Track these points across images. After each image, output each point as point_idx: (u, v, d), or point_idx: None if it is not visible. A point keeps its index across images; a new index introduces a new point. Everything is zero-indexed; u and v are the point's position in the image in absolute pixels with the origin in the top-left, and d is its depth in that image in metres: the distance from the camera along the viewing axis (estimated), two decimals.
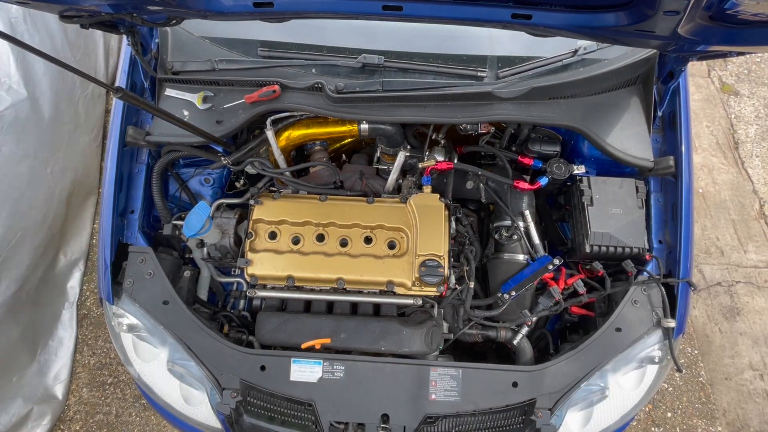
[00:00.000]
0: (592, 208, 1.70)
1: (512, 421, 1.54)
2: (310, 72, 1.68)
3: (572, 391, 1.53)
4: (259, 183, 1.85)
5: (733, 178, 3.37)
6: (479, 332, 1.75)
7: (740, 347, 2.87)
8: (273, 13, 1.21)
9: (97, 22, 1.31)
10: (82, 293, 2.88)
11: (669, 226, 1.73)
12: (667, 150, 1.77)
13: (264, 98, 1.65)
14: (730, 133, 3.54)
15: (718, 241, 3.15)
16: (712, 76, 3.76)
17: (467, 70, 1.65)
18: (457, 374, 1.54)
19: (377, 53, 1.65)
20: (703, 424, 2.68)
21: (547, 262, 1.71)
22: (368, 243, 1.70)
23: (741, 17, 0.93)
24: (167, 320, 1.58)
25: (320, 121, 1.84)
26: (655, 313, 1.61)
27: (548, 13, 1.10)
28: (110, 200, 1.66)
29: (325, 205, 1.75)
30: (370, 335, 1.59)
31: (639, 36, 1.13)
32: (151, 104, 1.60)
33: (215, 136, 1.63)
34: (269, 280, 1.67)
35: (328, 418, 1.50)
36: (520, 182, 1.80)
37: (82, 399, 2.64)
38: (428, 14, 1.15)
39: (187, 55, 1.74)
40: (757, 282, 3.04)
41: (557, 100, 1.67)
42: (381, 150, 1.91)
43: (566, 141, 1.94)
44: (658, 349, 1.60)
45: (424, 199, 1.75)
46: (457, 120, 1.66)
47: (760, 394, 2.75)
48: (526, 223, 1.81)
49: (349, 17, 1.21)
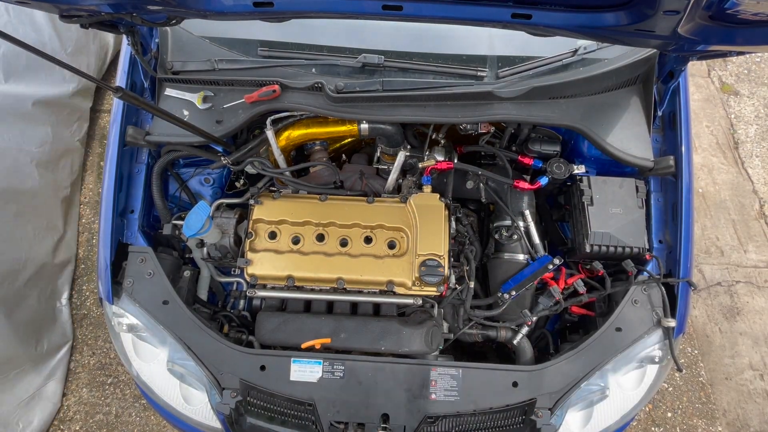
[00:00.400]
0: (592, 208, 1.70)
1: (512, 420, 1.54)
2: (310, 72, 1.68)
3: (572, 391, 1.53)
4: (259, 183, 1.85)
5: (733, 178, 3.37)
6: (479, 332, 1.75)
7: (740, 347, 2.87)
8: (273, 13, 1.21)
9: (97, 21, 1.31)
10: (82, 293, 2.88)
11: (669, 225, 1.73)
12: (667, 150, 1.77)
13: (264, 98, 1.65)
14: (730, 133, 3.54)
15: (718, 241, 3.15)
16: (712, 76, 3.76)
17: (467, 70, 1.65)
18: (457, 374, 1.54)
19: (377, 53, 1.65)
20: (704, 424, 2.68)
21: (547, 262, 1.71)
22: (368, 243, 1.70)
23: (741, 17, 0.93)
24: (167, 320, 1.58)
25: (320, 120, 1.84)
26: (655, 312, 1.61)
27: (548, 12, 1.10)
28: (110, 200, 1.66)
29: (325, 205, 1.75)
30: (370, 335, 1.59)
31: (639, 36, 1.13)
32: (151, 104, 1.60)
33: (215, 136, 1.63)
34: (269, 280, 1.67)
35: (328, 418, 1.50)
36: (520, 182, 1.80)
37: (82, 399, 2.64)
38: (428, 14, 1.15)
39: (187, 54, 1.74)
40: (757, 282, 3.04)
41: (557, 99, 1.67)
42: (381, 150, 1.91)
43: (566, 141, 1.94)
44: (658, 348, 1.60)
45: (424, 199, 1.75)
46: (457, 120, 1.66)
47: (760, 394, 2.75)
48: (526, 222, 1.81)
49: (349, 17, 1.21)
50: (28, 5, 1.18)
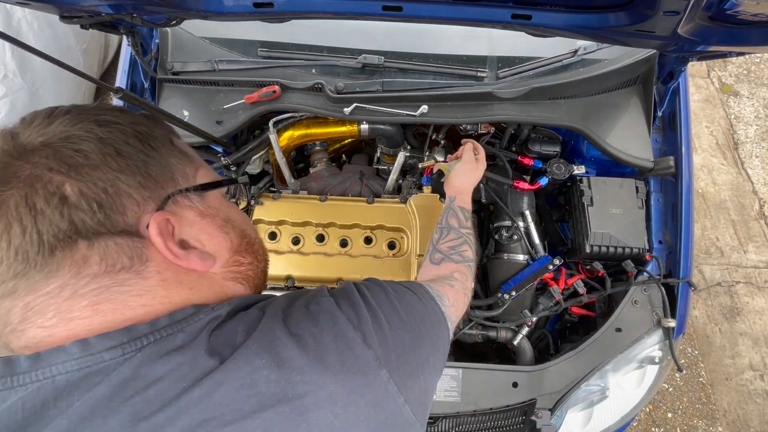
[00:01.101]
0: (592, 208, 1.70)
1: (512, 421, 1.54)
2: (310, 72, 1.68)
3: (572, 392, 1.53)
4: (259, 183, 1.85)
5: (733, 179, 3.37)
6: (479, 332, 1.75)
7: (740, 347, 2.87)
8: (273, 14, 1.21)
9: (97, 22, 1.31)
10: None
11: (669, 226, 1.73)
12: (667, 150, 1.78)
13: (264, 98, 1.65)
14: (730, 133, 3.54)
15: (718, 242, 3.15)
16: (712, 76, 3.76)
17: (467, 71, 1.65)
18: (457, 374, 1.54)
19: (377, 53, 1.65)
20: (704, 425, 2.68)
21: (547, 262, 1.71)
22: (368, 243, 1.70)
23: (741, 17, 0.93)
24: None
25: (320, 121, 1.85)
26: (655, 313, 1.61)
27: (548, 13, 1.10)
28: None
29: (325, 206, 1.75)
30: None
31: (639, 36, 1.13)
32: (151, 104, 1.60)
33: (215, 137, 1.63)
34: (269, 281, 1.67)
35: None
36: (520, 182, 1.80)
37: None
38: (428, 14, 1.15)
39: (187, 55, 1.74)
40: (757, 282, 3.04)
41: (557, 100, 1.67)
42: (381, 150, 1.91)
43: (566, 141, 1.94)
44: (658, 349, 1.60)
45: (424, 200, 1.75)
46: (457, 120, 1.66)
47: (760, 394, 2.75)
48: (526, 223, 1.81)
49: (349, 18, 1.21)
50: (29, 6, 1.18)
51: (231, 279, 0.70)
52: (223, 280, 0.68)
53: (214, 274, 0.67)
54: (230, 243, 0.70)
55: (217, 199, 0.72)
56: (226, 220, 0.70)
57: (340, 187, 1.87)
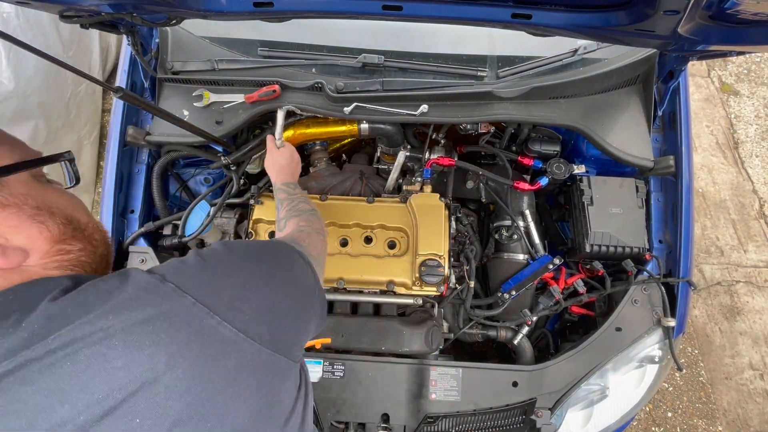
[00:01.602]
0: (592, 208, 1.70)
1: (512, 420, 1.54)
2: (310, 72, 1.68)
3: (572, 391, 1.53)
4: (259, 182, 1.85)
5: (733, 178, 3.37)
6: (479, 332, 1.75)
7: (740, 347, 2.87)
8: (273, 13, 1.21)
9: (97, 22, 1.31)
10: None
11: (669, 225, 1.73)
12: (667, 150, 1.78)
13: (264, 98, 1.65)
14: (730, 132, 3.54)
15: (718, 241, 3.15)
16: (712, 76, 3.76)
17: (467, 70, 1.65)
18: (457, 374, 1.54)
19: (377, 53, 1.65)
20: (704, 424, 2.68)
21: (547, 262, 1.71)
22: (368, 243, 1.70)
23: (741, 17, 0.93)
24: None
25: (320, 121, 1.84)
26: (655, 312, 1.61)
27: (548, 12, 1.10)
28: (110, 200, 1.66)
29: (325, 205, 1.75)
30: (371, 335, 1.59)
31: (639, 36, 1.13)
32: (151, 104, 1.60)
33: (215, 136, 1.63)
34: None
35: (328, 417, 1.51)
36: (520, 182, 1.80)
37: None
38: (428, 14, 1.15)
39: (187, 55, 1.74)
40: (757, 282, 3.04)
41: (557, 99, 1.67)
42: (381, 150, 1.91)
43: (566, 141, 1.94)
44: (658, 348, 1.60)
45: (424, 199, 1.75)
46: (457, 120, 1.66)
47: (760, 393, 2.75)
48: (526, 222, 1.81)
49: (349, 17, 1.21)
50: (29, 5, 1.18)
51: (56, 268, 0.65)
52: (44, 270, 0.63)
53: (29, 267, 0.62)
54: (48, 233, 0.64)
55: (25, 184, 0.64)
56: (39, 207, 0.63)
57: (340, 187, 1.87)
